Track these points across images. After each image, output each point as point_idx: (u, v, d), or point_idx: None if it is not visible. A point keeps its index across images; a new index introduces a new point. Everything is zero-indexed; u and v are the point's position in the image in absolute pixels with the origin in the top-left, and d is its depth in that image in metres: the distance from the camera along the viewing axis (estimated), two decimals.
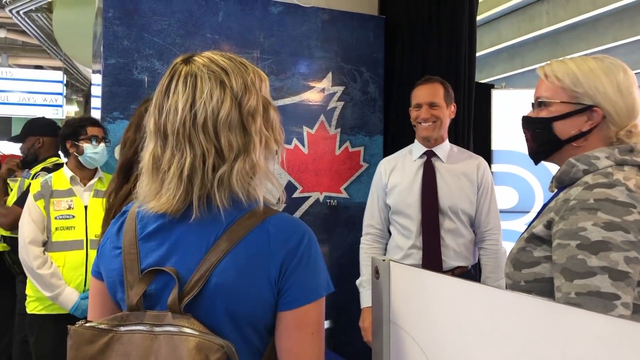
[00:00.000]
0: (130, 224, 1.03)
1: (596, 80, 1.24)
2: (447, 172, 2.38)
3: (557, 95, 1.29)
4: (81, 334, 0.95)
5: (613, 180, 1.13)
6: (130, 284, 0.98)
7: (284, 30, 3.08)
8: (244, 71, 1.01)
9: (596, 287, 1.05)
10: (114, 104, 2.72)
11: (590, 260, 1.06)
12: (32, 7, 6.61)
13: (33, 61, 10.77)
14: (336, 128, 3.21)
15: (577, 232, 1.10)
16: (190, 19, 2.88)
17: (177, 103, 0.96)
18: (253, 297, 0.94)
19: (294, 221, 1.01)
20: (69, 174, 2.64)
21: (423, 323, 0.88)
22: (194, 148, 0.95)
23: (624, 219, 1.07)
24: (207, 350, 0.87)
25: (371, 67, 3.27)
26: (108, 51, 2.71)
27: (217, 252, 0.94)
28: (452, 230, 2.33)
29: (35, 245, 2.49)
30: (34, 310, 2.58)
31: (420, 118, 2.38)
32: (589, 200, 1.12)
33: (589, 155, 1.22)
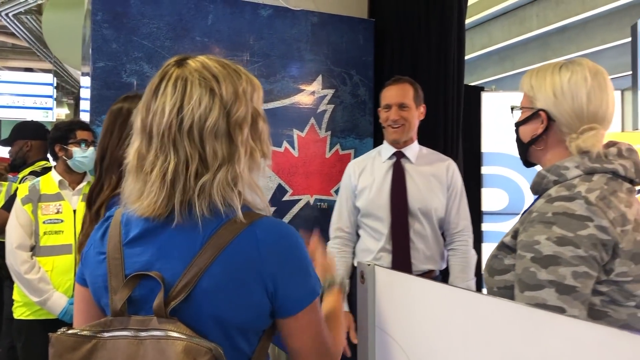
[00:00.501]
0: (114, 229, 1.02)
1: (543, 84, 1.28)
2: (416, 173, 2.36)
3: (522, 101, 1.36)
4: (63, 341, 0.93)
5: (574, 193, 1.15)
6: (114, 289, 0.97)
7: (274, 33, 3.08)
8: (237, 79, 1.00)
9: (543, 299, 1.08)
10: (103, 107, 2.70)
11: (540, 273, 1.10)
12: (22, 10, 6.57)
13: (23, 63, 10.70)
14: (326, 131, 3.21)
15: (532, 245, 1.13)
16: (179, 22, 2.87)
17: (164, 105, 0.96)
18: (244, 303, 0.94)
19: (281, 225, 1.00)
20: (57, 177, 2.62)
21: (407, 327, 0.88)
22: (178, 153, 0.95)
23: (577, 233, 1.09)
24: (195, 354, 0.86)
25: (361, 70, 3.28)
26: (97, 54, 2.70)
27: (205, 257, 0.93)
28: (421, 232, 2.31)
29: (22, 250, 2.47)
30: (21, 315, 2.56)
31: (390, 120, 2.35)
32: (548, 214, 1.14)
33: (559, 165, 1.24)
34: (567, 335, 0.59)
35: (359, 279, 1.00)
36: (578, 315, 1.08)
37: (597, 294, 1.13)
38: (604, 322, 1.13)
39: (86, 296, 1.06)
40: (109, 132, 1.63)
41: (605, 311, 1.14)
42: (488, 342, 0.70)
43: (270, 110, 3.03)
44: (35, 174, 3.01)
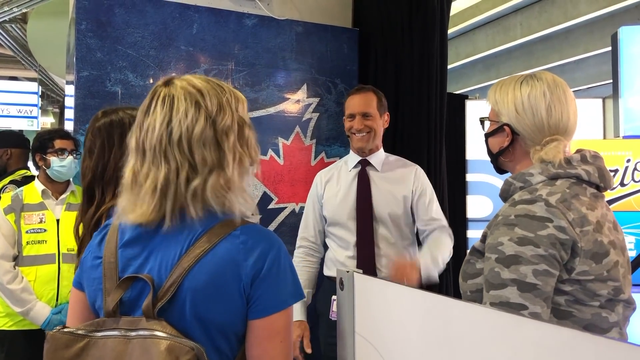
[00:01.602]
0: (112, 235, 1.08)
1: (505, 100, 1.33)
2: (381, 180, 2.35)
3: (490, 114, 1.40)
4: (58, 338, 0.98)
5: (535, 197, 1.19)
6: (108, 291, 1.02)
7: (259, 42, 3.10)
8: (220, 92, 1.07)
9: (506, 297, 1.13)
10: (87, 116, 2.70)
11: (503, 272, 1.14)
12: (6, 18, 6.53)
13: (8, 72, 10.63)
14: (312, 139, 3.23)
15: (497, 247, 1.17)
16: (164, 31, 2.88)
17: (155, 121, 1.03)
18: (223, 304, 0.98)
19: (263, 232, 1.05)
20: (40, 187, 2.61)
21: (384, 333, 0.89)
22: (169, 162, 1.01)
23: (537, 233, 1.14)
24: (177, 352, 0.90)
25: (345, 79, 3.30)
26: (81, 63, 2.70)
27: (189, 258, 0.98)
28: (389, 240, 2.29)
29: (5, 260, 2.46)
30: (4, 326, 2.54)
31: (354, 129, 2.34)
32: (511, 216, 1.19)
33: (524, 172, 1.29)
34: (532, 337, 0.60)
35: (337, 285, 1.02)
36: (540, 312, 1.12)
37: (562, 293, 1.17)
38: (568, 322, 1.17)
39: (81, 299, 1.11)
40: (107, 145, 1.62)
41: (570, 311, 1.18)
42: (460, 345, 0.72)
43: (255, 118, 3.04)
44: (15, 183, 2.99)
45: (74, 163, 2.61)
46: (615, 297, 1.20)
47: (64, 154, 2.58)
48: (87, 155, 1.63)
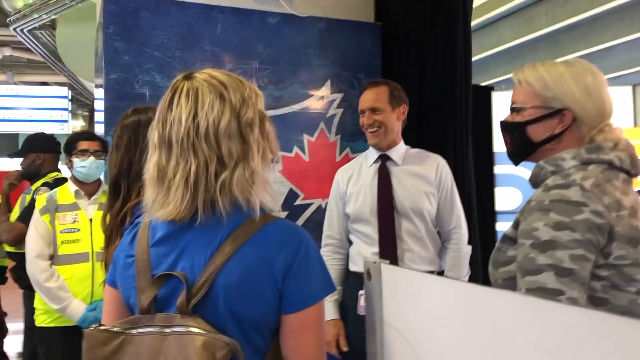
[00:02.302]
0: (143, 233, 1.10)
1: (564, 84, 1.29)
2: (403, 174, 2.33)
3: (529, 100, 1.34)
4: (95, 336, 1.01)
5: (569, 181, 1.18)
6: (142, 289, 1.04)
7: (282, 40, 3.13)
8: (241, 86, 1.09)
9: (543, 283, 1.12)
10: (116, 117, 2.72)
11: (539, 258, 1.14)
12: (36, 25, 6.68)
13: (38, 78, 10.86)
14: (336, 135, 3.24)
15: (531, 232, 1.16)
16: (189, 33, 2.93)
17: (180, 114, 1.03)
18: (255, 299, 1.00)
19: (292, 227, 1.06)
20: (73, 188, 2.69)
21: (412, 321, 0.90)
22: (198, 156, 1.02)
23: (573, 218, 1.13)
24: (213, 348, 0.92)
25: (369, 74, 3.30)
26: (109, 66, 2.76)
27: (221, 254, 1.00)
28: (415, 234, 2.28)
29: (42, 259, 2.54)
30: (42, 323, 2.62)
31: (365, 125, 2.33)
32: (545, 202, 1.18)
33: (556, 157, 1.28)
34: (560, 322, 0.61)
35: (365, 276, 1.03)
36: (577, 297, 1.12)
37: (598, 278, 1.16)
38: (605, 308, 1.16)
39: (116, 297, 1.14)
40: (135, 142, 1.66)
41: (606, 297, 1.17)
42: (488, 331, 0.73)
43: (280, 116, 3.07)
44: (47, 185, 3.08)
45: (96, 163, 2.67)
46: None
47: (85, 154, 2.65)
48: (114, 150, 1.68)
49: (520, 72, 1.38)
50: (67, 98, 8.84)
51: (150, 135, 1.10)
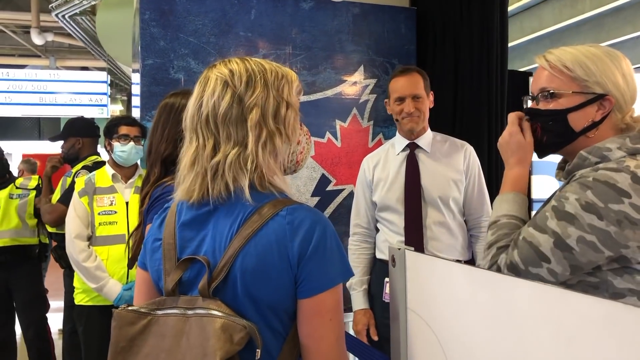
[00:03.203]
0: (170, 217, 1.13)
1: (605, 67, 1.22)
2: (431, 162, 2.31)
3: (566, 85, 1.25)
4: (123, 316, 1.05)
5: (622, 167, 1.13)
6: (167, 271, 1.08)
7: (315, 25, 3.12)
8: (257, 71, 1.09)
9: (538, 242, 1.13)
10: (152, 102, 2.81)
11: (551, 221, 1.14)
12: (77, 11, 6.84)
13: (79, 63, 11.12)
14: (369, 121, 3.23)
15: (560, 198, 1.16)
16: (223, 18, 2.95)
17: (190, 102, 1.10)
18: (272, 282, 1.01)
19: (310, 211, 1.06)
20: (110, 171, 2.76)
21: (435, 308, 0.91)
22: (198, 139, 1.07)
23: (609, 206, 1.09)
24: (231, 330, 0.95)
25: (403, 59, 3.27)
26: (145, 52, 2.81)
27: (240, 238, 1.02)
28: (442, 222, 2.26)
29: (80, 240, 2.62)
30: (81, 301, 2.72)
31: (404, 112, 2.28)
32: (589, 178, 1.15)
33: (600, 147, 1.21)
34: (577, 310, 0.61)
35: (390, 262, 1.04)
36: (559, 272, 1.12)
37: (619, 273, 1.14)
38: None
39: (146, 279, 1.18)
40: (155, 127, 1.71)
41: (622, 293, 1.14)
42: (507, 319, 0.73)
43: (312, 102, 3.07)
44: (87, 168, 3.16)
45: (136, 148, 2.73)
46: None
47: (126, 139, 2.71)
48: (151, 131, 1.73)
49: (550, 55, 1.28)
50: (107, 83, 9.03)
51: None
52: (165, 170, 1.67)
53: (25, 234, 3.74)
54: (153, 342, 1.01)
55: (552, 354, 0.67)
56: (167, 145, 1.65)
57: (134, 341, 1.03)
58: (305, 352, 1.03)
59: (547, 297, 0.65)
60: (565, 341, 0.64)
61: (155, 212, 1.55)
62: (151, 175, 1.68)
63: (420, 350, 0.97)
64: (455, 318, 0.85)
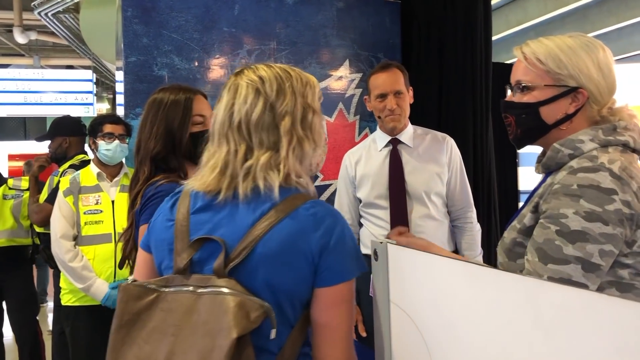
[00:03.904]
0: (184, 200, 1.15)
1: (579, 60, 1.21)
2: (414, 157, 2.31)
3: (540, 78, 1.25)
4: (130, 290, 1.06)
5: (597, 165, 1.12)
6: (178, 251, 1.09)
7: (300, 20, 3.11)
8: (284, 78, 1.14)
9: (568, 275, 1.08)
10: (136, 100, 2.79)
11: (566, 248, 1.09)
12: (60, 9, 6.77)
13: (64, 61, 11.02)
14: (355, 115, 3.23)
15: (559, 218, 1.11)
16: (206, 14, 2.93)
17: (220, 108, 1.14)
18: (292, 271, 1.04)
19: (330, 207, 1.12)
20: (95, 170, 2.74)
21: (416, 300, 0.91)
22: (229, 144, 1.10)
23: (605, 208, 1.08)
24: (248, 308, 0.96)
25: (388, 53, 3.28)
26: (128, 49, 2.78)
27: (262, 226, 1.04)
28: (427, 216, 2.27)
29: (66, 240, 2.60)
30: (68, 302, 2.69)
31: (387, 110, 2.27)
32: (573, 186, 1.12)
33: (573, 139, 1.21)
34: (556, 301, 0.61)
35: (372, 256, 1.04)
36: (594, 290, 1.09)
37: (624, 266, 1.12)
38: (631, 295, 1.13)
39: (147, 260, 1.20)
40: (144, 124, 1.69)
41: (632, 284, 1.13)
42: (488, 311, 0.73)
43: None
44: (74, 167, 3.13)
45: (121, 147, 2.71)
46: None
47: (111, 137, 2.69)
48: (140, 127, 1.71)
49: (526, 47, 1.28)
50: (92, 81, 8.95)
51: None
52: (155, 168, 1.65)
53: (21, 235, 3.72)
54: (160, 317, 1.02)
55: (532, 344, 0.67)
56: (155, 143, 1.63)
57: (140, 315, 1.04)
58: (320, 340, 1.06)
59: (527, 287, 0.65)
60: (545, 332, 0.65)
61: (150, 212, 1.53)
62: (140, 174, 1.65)
63: (404, 343, 0.97)
64: (437, 311, 0.85)
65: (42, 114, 9.22)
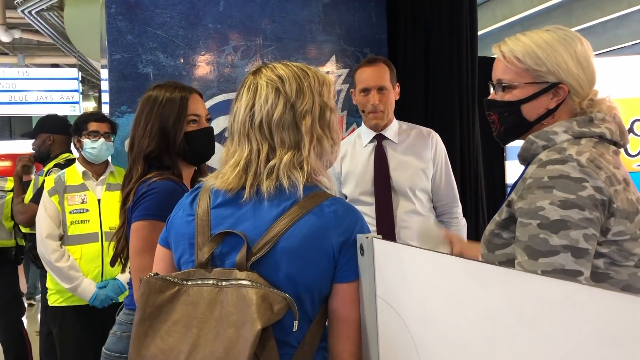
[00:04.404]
0: (204, 196, 1.16)
1: (557, 55, 1.22)
2: (399, 153, 2.30)
3: (519, 77, 1.25)
4: (152, 283, 1.06)
5: (565, 156, 1.13)
6: (200, 245, 1.09)
7: (286, 16, 3.10)
8: (302, 77, 1.15)
9: (561, 264, 1.08)
10: (121, 98, 2.77)
11: (552, 239, 1.09)
12: (44, 7, 6.70)
13: (49, 60, 10.93)
14: (342, 111, 3.23)
15: (537, 212, 1.12)
16: (191, 10, 2.91)
17: (240, 107, 1.14)
18: (313, 266, 1.05)
19: (349, 205, 1.14)
20: (81, 169, 2.71)
21: (403, 295, 0.91)
22: (251, 143, 1.11)
23: (579, 194, 1.09)
24: (271, 300, 0.97)
25: (375, 48, 3.27)
26: (113, 46, 2.76)
27: (284, 221, 1.06)
28: (413, 211, 2.27)
29: (52, 240, 2.57)
30: (55, 302, 2.67)
31: (370, 105, 2.25)
32: (544, 179, 1.13)
33: (547, 130, 1.22)
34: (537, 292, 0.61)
35: (359, 251, 1.04)
36: (588, 276, 1.10)
37: (599, 255, 1.13)
38: (607, 284, 1.14)
39: (166, 255, 1.21)
40: (137, 122, 1.66)
41: (607, 273, 1.14)
42: (473, 304, 0.73)
43: None
44: (59, 166, 3.09)
45: (106, 145, 2.68)
46: None
47: (96, 136, 2.67)
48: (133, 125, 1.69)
49: (504, 45, 1.28)
50: (78, 79, 8.88)
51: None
52: (148, 166, 1.64)
53: (3, 236, 3.66)
54: (183, 310, 1.03)
55: (516, 336, 0.67)
56: (149, 141, 1.62)
57: (162, 308, 1.05)
58: (338, 333, 1.08)
59: (510, 280, 0.65)
60: (529, 323, 0.65)
61: (143, 209, 1.53)
62: (134, 172, 1.63)
63: (390, 337, 0.97)
64: (422, 305, 0.85)
65: (27, 113, 9.12)
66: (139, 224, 1.54)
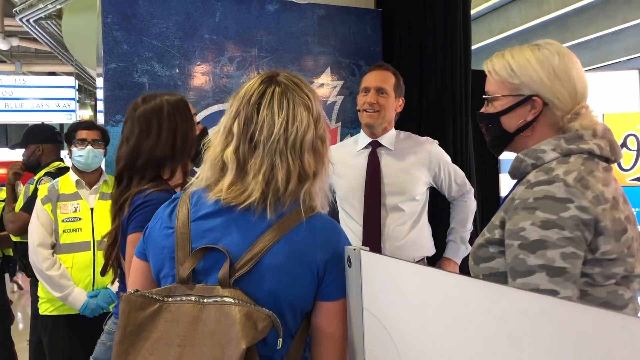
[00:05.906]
0: (183, 207, 1.12)
1: (530, 69, 1.25)
2: (394, 160, 2.31)
3: (499, 89, 1.31)
4: (133, 300, 1.04)
5: (552, 177, 1.15)
6: (180, 260, 1.07)
7: (281, 27, 3.12)
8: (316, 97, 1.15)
9: (536, 284, 1.09)
10: (116, 107, 2.77)
11: (529, 259, 1.11)
12: (42, 15, 6.72)
13: (46, 68, 10.95)
14: (337, 122, 3.24)
15: (519, 232, 1.14)
16: (187, 21, 2.92)
17: (272, 119, 1.08)
18: (297, 283, 1.04)
19: (334, 222, 1.14)
20: (74, 177, 2.71)
21: (389, 308, 0.91)
22: (282, 162, 1.07)
23: (560, 215, 1.10)
24: (255, 318, 0.96)
25: (369, 60, 3.29)
26: (108, 56, 2.77)
27: (268, 237, 1.04)
28: (401, 221, 2.27)
29: (44, 248, 2.56)
30: (45, 311, 2.66)
31: (366, 103, 2.29)
32: (529, 200, 1.15)
33: (536, 149, 1.24)
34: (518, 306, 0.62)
35: (346, 263, 1.04)
36: (571, 295, 1.09)
37: (582, 275, 1.14)
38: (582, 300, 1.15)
39: (143, 268, 1.18)
40: (146, 131, 1.66)
41: (585, 290, 1.15)
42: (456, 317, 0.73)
43: None
44: (50, 175, 3.09)
45: (94, 152, 2.68)
46: (631, 273, 1.17)
47: (83, 144, 2.67)
48: (125, 142, 1.68)
49: (489, 61, 1.34)
50: (75, 88, 8.89)
51: (226, 122, 1.13)
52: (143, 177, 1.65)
53: None
54: (165, 328, 1.01)
55: (496, 349, 0.68)
56: (163, 149, 1.64)
57: (144, 326, 1.02)
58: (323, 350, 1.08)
59: (490, 294, 0.66)
60: (508, 337, 0.65)
61: (138, 220, 1.52)
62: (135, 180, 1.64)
63: (376, 349, 0.97)
64: (407, 317, 0.86)
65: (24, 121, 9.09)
66: (135, 236, 1.53)
